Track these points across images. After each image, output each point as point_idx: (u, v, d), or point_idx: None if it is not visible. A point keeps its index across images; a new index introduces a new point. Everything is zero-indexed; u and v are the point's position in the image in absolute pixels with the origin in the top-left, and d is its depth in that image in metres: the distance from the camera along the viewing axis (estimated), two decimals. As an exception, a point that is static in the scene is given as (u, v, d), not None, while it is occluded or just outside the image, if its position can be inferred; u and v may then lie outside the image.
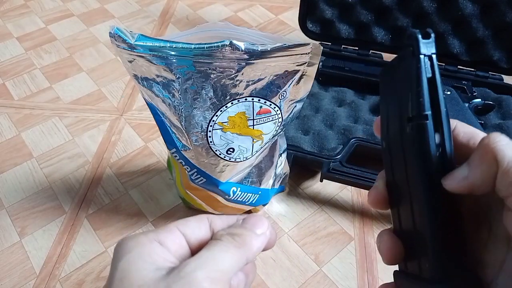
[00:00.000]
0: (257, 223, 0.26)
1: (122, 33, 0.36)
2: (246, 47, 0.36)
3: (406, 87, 0.22)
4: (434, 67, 0.21)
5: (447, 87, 0.63)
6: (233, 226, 0.27)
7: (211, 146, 0.42)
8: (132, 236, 0.24)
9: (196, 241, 0.26)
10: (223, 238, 0.25)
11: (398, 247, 0.24)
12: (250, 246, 0.25)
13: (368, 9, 0.67)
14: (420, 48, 0.21)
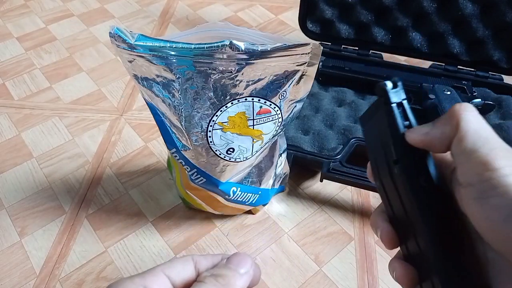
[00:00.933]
0: (241, 262, 0.27)
1: (122, 33, 0.36)
2: (246, 47, 0.36)
3: (386, 133, 0.24)
4: (406, 111, 0.24)
5: (447, 87, 0.63)
6: (218, 266, 0.27)
7: (211, 146, 0.42)
8: (120, 282, 0.24)
9: (181, 283, 0.26)
10: (206, 280, 0.25)
11: (410, 272, 0.25)
12: (233, 287, 0.25)
13: (368, 9, 0.67)
14: (390, 98, 0.24)
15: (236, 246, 0.53)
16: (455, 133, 0.21)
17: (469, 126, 0.21)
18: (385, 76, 0.66)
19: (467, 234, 0.23)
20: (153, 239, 0.54)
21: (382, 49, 0.70)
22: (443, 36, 0.66)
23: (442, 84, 0.64)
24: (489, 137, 0.21)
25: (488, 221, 0.20)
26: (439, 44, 0.66)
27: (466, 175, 0.21)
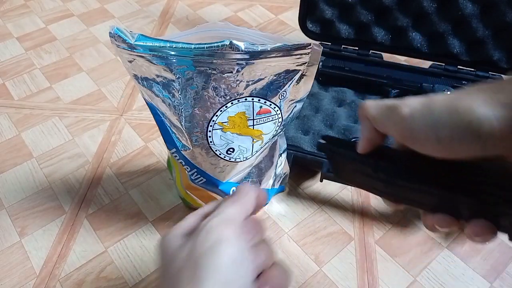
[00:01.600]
0: (240, 188, 0.32)
1: (122, 33, 0.36)
2: (246, 47, 0.36)
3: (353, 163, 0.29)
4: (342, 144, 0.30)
5: (447, 87, 0.63)
6: None
7: (211, 146, 0.42)
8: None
9: None
10: (221, 202, 0.32)
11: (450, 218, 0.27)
12: (244, 200, 0.31)
13: (368, 9, 0.67)
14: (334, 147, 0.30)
15: (236, 246, 0.53)
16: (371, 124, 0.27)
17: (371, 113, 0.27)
18: (385, 76, 0.66)
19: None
20: (153, 239, 0.54)
21: (382, 49, 0.70)
22: (443, 36, 0.66)
23: (442, 84, 0.64)
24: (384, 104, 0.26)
25: None
26: (439, 44, 0.66)
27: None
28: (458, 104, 0.22)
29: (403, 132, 0.25)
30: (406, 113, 0.24)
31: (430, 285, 0.50)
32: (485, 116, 0.21)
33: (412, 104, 0.24)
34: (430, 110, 0.23)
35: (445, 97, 0.24)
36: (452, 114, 0.22)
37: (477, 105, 0.21)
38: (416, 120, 0.24)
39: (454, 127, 0.22)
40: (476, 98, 0.22)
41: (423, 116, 0.23)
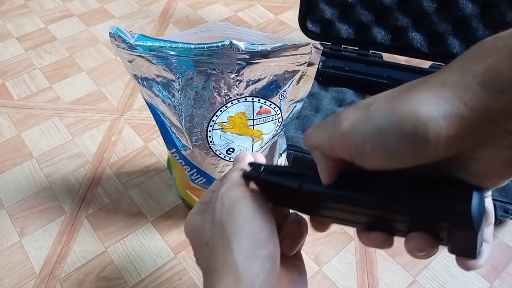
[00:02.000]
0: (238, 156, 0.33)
1: (122, 33, 0.36)
2: (246, 47, 0.36)
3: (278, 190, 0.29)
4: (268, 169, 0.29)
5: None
6: None
7: (211, 146, 0.42)
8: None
9: None
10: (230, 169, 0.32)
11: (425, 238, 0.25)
12: (243, 163, 0.31)
13: (368, 9, 0.67)
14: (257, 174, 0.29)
15: (236, 246, 0.53)
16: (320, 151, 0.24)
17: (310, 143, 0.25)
18: (385, 76, 0.66)
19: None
20: (153, 239, 0.54)
21: (382, 49, 0.70)
22: (443, 36, 0.66)
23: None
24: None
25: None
26: (439, 44, 0.66)
27: None
28: (398, 105, 0.20)
29: (347, 148, 0.21)
30: (346, 126, 0.21)
31: (430, 285, 0.50)
32: (430, 116, 0.18)
33: (351, 115, 0.21)
34: (370, 118, 0.20)
35: (385, 98, 0.21)
36: (392, 119, 0.19)
37: (419, 104, 0.19)
38: (357, 132, 0.21)
39: (398, 133, 0.19)
40: (417, 95, 0.19)
41: (364, 126, 0.20)
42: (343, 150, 0.22)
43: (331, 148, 0.23)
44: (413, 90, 0.20)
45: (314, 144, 0.24)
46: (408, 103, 0.19)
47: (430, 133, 0.18)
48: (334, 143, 0.22)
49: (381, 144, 0.20)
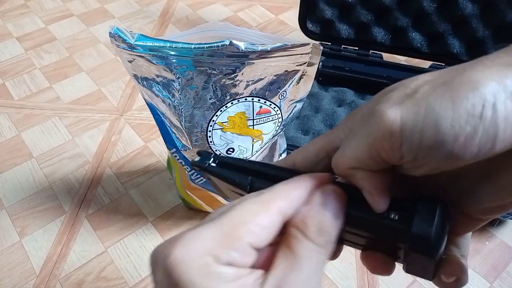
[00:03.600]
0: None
1: (122, 33, 0.36)
2: (246, 47, 0.36)
3: (227, 185, 0.25)
4: (220, 160, 0.25)
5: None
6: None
7: (211, 146, 0.42)
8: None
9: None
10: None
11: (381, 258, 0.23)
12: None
13: (368, 9, 0.67)
14: (201, 165, 0.25)
15: (236, 246, 0.53)
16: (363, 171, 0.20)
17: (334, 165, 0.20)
18: (385, 76, 0.66)
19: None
20: (153, 239, 0.54)
21: (382, 49, 0.70)
22: (443, 36, 0.66)
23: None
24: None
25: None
26: (439, 44, 0.66)
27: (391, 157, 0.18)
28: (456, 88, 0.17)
29: (398, 148, 0.18)
30: (393, 121, 0.17)
31: (430, 284, 0.50)
32: (497, 97, 0.16)
33: (393, 108, 0.17)
34: (424, 106, 0.17)
35: (431, 84, 0.18)
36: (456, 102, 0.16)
37: (483, 84, 0.16)
38: (410, 126, 0.17)
39: (467, 118, 0.16)
40: (475, 76, 0.17)
41: (418, 116, 0.17)
42: (393, 152, 0.18)
43: (376, 156, 0.18)
44: (467, 72, 0.17)
45: (352, 164, 0.20)
46: (469, 83, 0.16)
47: (499, 117, 0.16)
48: (380, 147, 0.18)
49: (446, 135, 0.16)
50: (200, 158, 0.26)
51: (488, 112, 0.16)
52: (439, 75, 0.18)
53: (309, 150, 0.23)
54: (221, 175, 0.25)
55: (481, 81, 0.16)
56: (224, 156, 0.25)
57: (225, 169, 0.25)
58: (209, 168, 0.25)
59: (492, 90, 0.16)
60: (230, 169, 0.25)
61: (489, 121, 0.16)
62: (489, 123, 0.16)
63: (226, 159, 0.25)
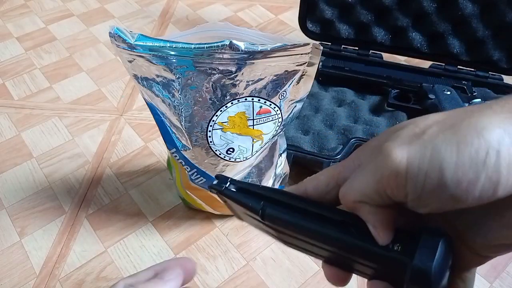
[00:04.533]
0: (167, 272, 0.28)
1: (122, 33, 0.36)
2: (246, 47, 0.36)
3: (242, 208, 0.26)
4: (236, 185, 0.27)
5: (447, 87, 0.63)
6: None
7: (211, 146, 0.42)
8: None
9: None
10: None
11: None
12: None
13: (368, 9, 0.67)
14: (218, 188, 0.27)
15: (236, 246, 0.53)
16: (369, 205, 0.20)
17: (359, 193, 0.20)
18: (385, 76, 0.66)
19: None
20: (153, 239, 0.54)
21: (382, 49, 0.70)
22: (443, 36, 0.66)
23: (442, 84, 0.64)
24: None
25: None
26: (439, 44, 0.66)
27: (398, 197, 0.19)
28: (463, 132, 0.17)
29: (403, 188, 0.18)
30: (400, 161, 0.18)
31: None
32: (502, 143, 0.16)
33: (401, 148, 0.18)
34: (430, 148, 0.18)
35: (439, 125, 0.18)
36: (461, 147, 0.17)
37: (489, 130, 0.17)
38: (416, 167, 0.18)
39: (470, 163, 0.17)
40: (482, 121, 0.17)
41: (424, 158, 0.17)
42: (398, 190, 0.18)
43: (382, 193, 0.19)
44: (476, 115, 0.17)
45: (359, 198, 0.20)
46: (475, 129, 0.17)
47: (502, 164, 0.16)
48: (386, 185, 0.19)
49: (448, 179, 0.17)
50: (218, 181, 0.27)
51: (492, 159, 0.16)
52: (449, 116, 0.18)
53: (320, 179, 0.24)
54: (236, 199, 0.26)
55: (487, 127, 0.17)
56: (240, 181, 0.27)
57: (240, 193, 0.26)
58: (225, 191, 0.26)
59: (497, 137, 0.16)
60: (244, 193, 0.26)
61: (492, 168, 0.16)
62: (492, 170, 0.16)
63: (242, 184, 0.27)
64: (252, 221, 0.27)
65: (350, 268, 0.24)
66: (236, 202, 0.26)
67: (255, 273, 0.51)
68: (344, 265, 0.25)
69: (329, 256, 0.25)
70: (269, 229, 0.26)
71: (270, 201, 0.25)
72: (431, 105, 0.61)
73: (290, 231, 0.24)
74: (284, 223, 0.24)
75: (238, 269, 0.51)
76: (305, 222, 0.23)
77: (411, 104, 0.63)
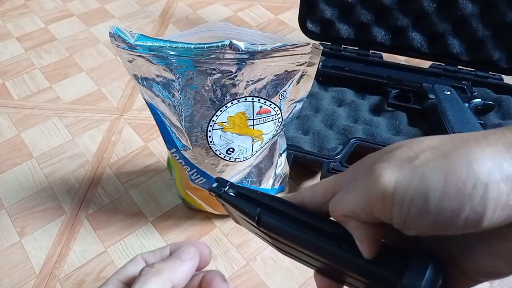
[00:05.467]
0: (184, 251, 0.29)
1: (122, 33, 0.36)
2: (246, 47, 0.36)
3: (239, 212, 0.27)
4: (234, 189, 0.27)
5: (447, 87, 0.63)
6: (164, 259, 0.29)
7: (211, 146, 0.42)
8: None
9: None
10: (142, 272, 0.27)
11: None
12: (172, 271, 0.27)
13: (368, 9, 0.67)
14: (217, 192, 0.27)
15: (236, 246, 0.53)
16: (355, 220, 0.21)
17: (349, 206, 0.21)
18: (385, 76, 0.66)
19: None
20: (153, 239, 0.54)
21: (382, 49, 0.70)
22: (443, 36, 0.66)
23: (442, 84, 0.64)
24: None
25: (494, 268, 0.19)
26: (439, 44, 0.66)
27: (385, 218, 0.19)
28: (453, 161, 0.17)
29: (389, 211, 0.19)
30: (387, 185, 0.18)
31: None
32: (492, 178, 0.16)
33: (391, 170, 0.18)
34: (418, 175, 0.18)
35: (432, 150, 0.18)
36: (449, 177, 0.17)
37: (479, 162, 0.17)
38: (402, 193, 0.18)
39: (455, 195, 0.17)
40: (475, 152, 0.17)
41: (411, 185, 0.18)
42: (384, 212, 0.19)
43: (369, 212, 0.19)
44: (470, 145, 0.17)
45: (347, 213, 0.20)
46: (467, 160, 0.17)
47: (489, 197, 0.16)
48: (373, 206, 0.19)
49: (433, 207, 0.17)
50: (217, 184, 0.27)
51: (479, 191, 0.16)
52: (444, 143, 0.18)
53: (317, 190, 0.24)
54: (233, 203, 0.26)
55: (478, 159, 0.17)
56: (240, 185, 0.27)
57: (238, 198, 0.27)
58: (223, 195, 0.27)
59: (487, 170, 0.16)
60: (242, 199, 0.26)
61: (478, 200, 0.16)
62: (478, 202, 0.16)
63: (241, 189, 0.27)
64: (248, 226, 0.28)
65: (341, 280, 0.24)
66: (234, 207, 0.26)
67: (255, 273, 0.51)
68: (335, 277, 0.25)
69: (321, 267, 0.25)
70: (264, 235, 0.26)
71: (267, 209, 0.25)
72: (431, 105, 0.61)
73: (284, 239, 0.24)
74: (278, 231, 0.24)
75: (238, 269, 0.51)
76: (298, 232, 0.23)
77: (411, 104, 0.63)
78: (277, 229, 0.24)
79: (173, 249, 0.30)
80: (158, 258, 0.29)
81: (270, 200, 0.26)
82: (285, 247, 0.26)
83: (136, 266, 0.29)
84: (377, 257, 0.21)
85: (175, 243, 0.30)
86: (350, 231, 0.21)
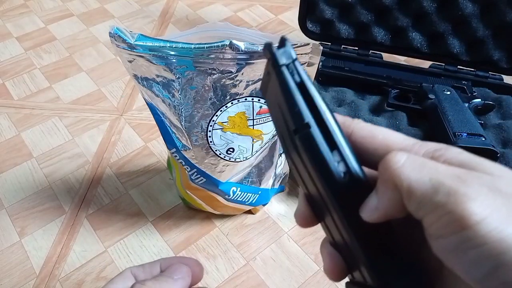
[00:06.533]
0: (176, 270, 0.28)
1: (122, 33, 0.36)
2: (246, 47, 0.36)
3: (281, 101, 0.20)
4: (299, 72, 0.20)
5: (447, 87, 0.63)
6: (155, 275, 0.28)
7: (211, 146, 0.42)
8: None
9: None
10: (135, 286, 0.26)
11: (337, 261, 0.22)
12: None
13: (368, 9, 0.67)
14: (278, 60, 0.20)
15: (236, 246, 0.53)
16: (400, 194, 0.18)
17: (407, 179, 0.17)
18: (385, 76, 0.66)
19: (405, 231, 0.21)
20: (153, 239, 0.54)
21: (382, 49, 0.70)
22: (443, 36, 0.66)
23: (442, 84, 0.64)
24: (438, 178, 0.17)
25: (468, 275, 0.17)
26: (439, 44, 0.66)
27: (433, 227, 0.18)
28: None
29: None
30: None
31: None
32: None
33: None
34: None
35: None
36: None
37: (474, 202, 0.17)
38: None
39: None
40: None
41: None
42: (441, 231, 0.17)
43: (423, 215, 0.18)
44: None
45: (402, 188, 0.18)
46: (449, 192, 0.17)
47: None
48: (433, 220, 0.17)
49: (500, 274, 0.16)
50: (279, 50, 0.20)
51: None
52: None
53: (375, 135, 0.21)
54: (287, 90, 0.20)
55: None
56: (305, 74, 0.20)
57: (297, 90, 0.20)
58: (283, 71, 0.20)
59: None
60: (301, 92, 0.20)
61: None
62: None
63: (305, 81, 0.20)
64: (276, 119, 0.22)
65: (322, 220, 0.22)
66: (283, 94, 0.20)
67: (255, 273, 0.51)
68: (319, 213, 0.22)
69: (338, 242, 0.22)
70: (290, 147, 0.21)
71: (318, 122, 0.20)
72: (431, 105, 0.61)
73: (309, 169, 0.20)
74: (309, 156, 0.20)
75: (238, 269, 0.51)
76: (322, 169, 0.19)
77: (411, 104, 0.63)
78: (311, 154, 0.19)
79: (163, 266, 0.29)
80: (148, 274, 0.29)
81: (324, 116, 0.20)
82: (303, 175, 0.21)
83: (124, 282, 0.28)
84: (370, 232, 0.19)
85: (166, 258, 0.30)
86: (380, 195, 0.19)
